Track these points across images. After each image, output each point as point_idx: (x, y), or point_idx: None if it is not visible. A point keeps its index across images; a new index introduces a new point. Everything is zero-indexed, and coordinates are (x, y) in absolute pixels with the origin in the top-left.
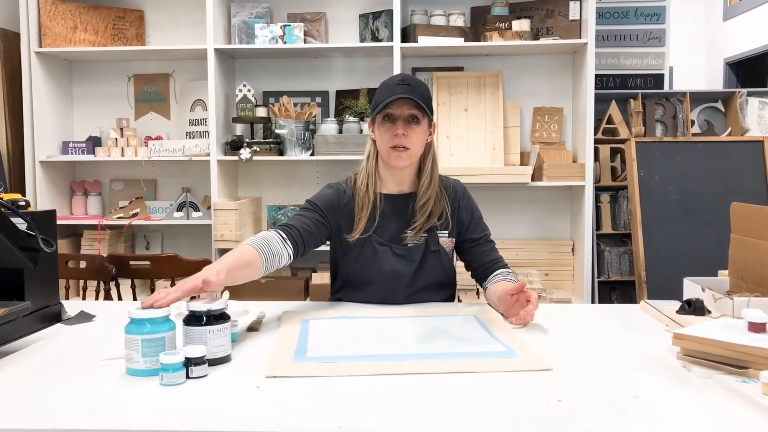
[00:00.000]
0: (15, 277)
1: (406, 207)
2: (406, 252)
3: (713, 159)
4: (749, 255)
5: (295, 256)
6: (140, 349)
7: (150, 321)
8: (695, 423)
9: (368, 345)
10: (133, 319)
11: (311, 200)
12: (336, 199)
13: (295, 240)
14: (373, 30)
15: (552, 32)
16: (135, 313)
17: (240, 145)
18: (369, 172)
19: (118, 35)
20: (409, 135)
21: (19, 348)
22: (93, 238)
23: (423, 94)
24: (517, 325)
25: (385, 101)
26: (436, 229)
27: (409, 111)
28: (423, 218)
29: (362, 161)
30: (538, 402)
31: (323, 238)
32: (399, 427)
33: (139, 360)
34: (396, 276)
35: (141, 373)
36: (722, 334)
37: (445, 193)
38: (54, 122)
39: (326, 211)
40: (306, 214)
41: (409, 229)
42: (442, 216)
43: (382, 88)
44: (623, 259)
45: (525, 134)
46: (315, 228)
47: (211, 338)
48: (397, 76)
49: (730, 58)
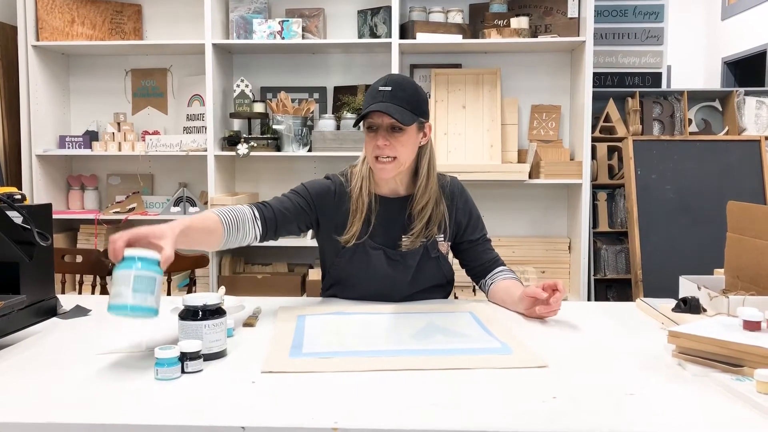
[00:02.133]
0: (10, 270)
1: (403, 211)
2: (401, 257)
3: (710, 158)
4: (745, 253)
5: (263, 238)
6: (131, 284)
7: (142, 259)
8: (690, 420)
9: (364, 341)
10: (126, 257)
11: (305, 185)
12: (331, 193)
13: (267, 222)
14: (372, 26)
15: (550, 30)
16: (128, 251)
17: (237, 140)
18: (363, 175)
19: (115, 29)
20: (392, 144)
21: (14, 342)
22: (90, 232)
23: (407, 98)
24: (546, 315)
25: (364, 111)
26: (435, 235)
27: (390, 120)
28: (421, 224)
29: (358, 161)
30: (534, 399)
31: (302, 226)
32: (394, 422)
33: (128, 294)
34: (390, 281)
35: (126, 308)
36: (717, 332)
37: (443, 197)
38: (51, 116)
39: (315, 201)
40: (291, 198)
41: (406, 236)
42: (441, 224)
43: (368, 92)
44: (620, 257)
45: (523, 132)
46: (294, 214)
47: (206, 333)
48: (381, 80)
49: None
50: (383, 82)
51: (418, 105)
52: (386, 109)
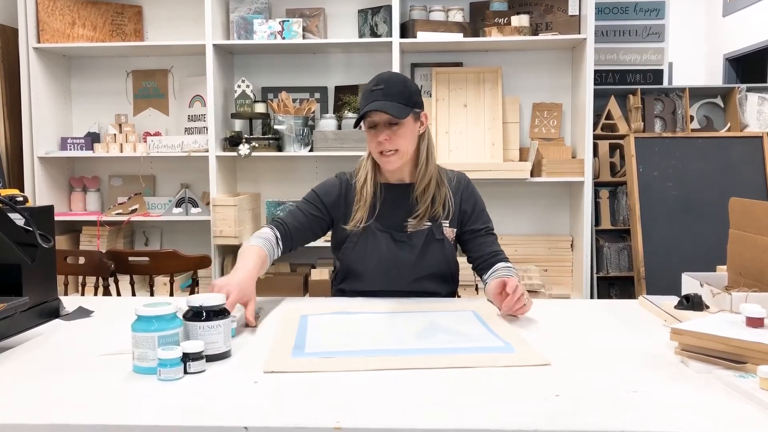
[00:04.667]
0: (13, 272)
1: (407, 197)
2: (407, 238)
3: (712, 155)
4: (748, 250)
5: (284, 253)
6: (156, 346)
7: (158, 318)
8: (693, 418)
9: (367, 340)
10: (141, 317)
11: (315, 191)
12: (338, 189)
13: (284, 241)
14: (372, 25)
15: (551, 28)
16: (142, 310)
17: (239, 140)
18: (368, 169)
19: (116, 31)
20: (393, 138)
21: (17, 344)
22: (92, 234)
23: (399, 93)
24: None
25: (361, 112)
26: (440, 218)
27: (387, 116)
28: (425, 205)
29: (363, 157)
30: (537, 397)
31: (318, 231)
32: (396, 422)
33: (155, 358)
34: (396, 261)
35: (152, 370)
36: (720, 329)
37: (447, 183)
38: (52, 118)
39: (325, 201)
40: (303, 208)
41: (411, 217)
42: (445, 205)
43: (362, 93)
44: (622, 255)
45: (524, 130)
46: (307, 224)
47: (209, 334)
48: (372, 81)
49: (729, 53)
50: (374, 83)
51: (410, 97)
52: (382, 107)
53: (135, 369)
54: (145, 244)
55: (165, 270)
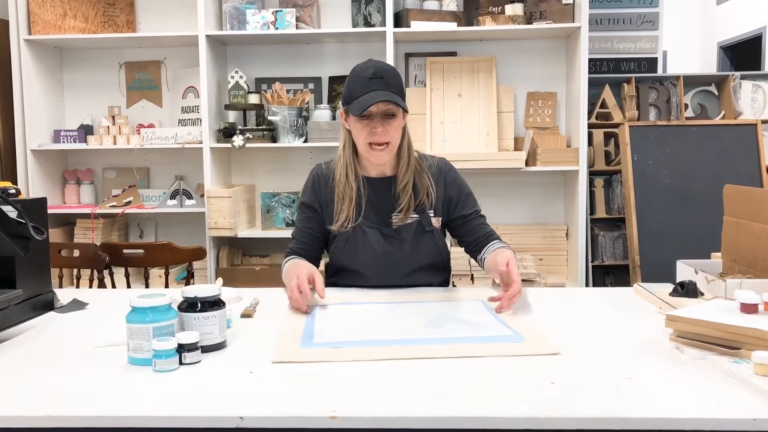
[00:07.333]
0: (6, 265)
1: (390, 190)
2: (396, 233)
3: (707, 142)
4: (742, 237)
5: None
6: (151, 338)
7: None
8: (688, 403)
9: (375, 330)
10: (136, 308)
11: (303, 202)
12: (317, 187)
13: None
14: (366, 15)
15: (545, 16)
16: (137, 301)
17: (233, 132)
18: (347, 162)
19: (108, 22)
20: (387, 130)
21: (12, 336)
22: (86, 226)
23: (397, 85)
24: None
25: (363, 100)
26: (426, 208)
27: (386, 107)
28: (407, 197)
29: (338, 150)
30: (532, 384)
31: (326, 232)
32: (391, 410)
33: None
34: (389, 258)
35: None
36: (715, 315)
37: (428, 170)
38: (45, 110)
39: (317, 207)
40: (302, 224)
41: (396, 212)
42: (429, 193)
43: (355, 80)
44: (617, 244)
45: (519, 119)
46: (319, 230)
47: (204, 324)
48: (369, 68)
49: (723, 41)
50: (372, 71)
51: (403, 89)
52: (391, 98)
53: (130, 360)
54: (140, 236)
55: (160, 262)
